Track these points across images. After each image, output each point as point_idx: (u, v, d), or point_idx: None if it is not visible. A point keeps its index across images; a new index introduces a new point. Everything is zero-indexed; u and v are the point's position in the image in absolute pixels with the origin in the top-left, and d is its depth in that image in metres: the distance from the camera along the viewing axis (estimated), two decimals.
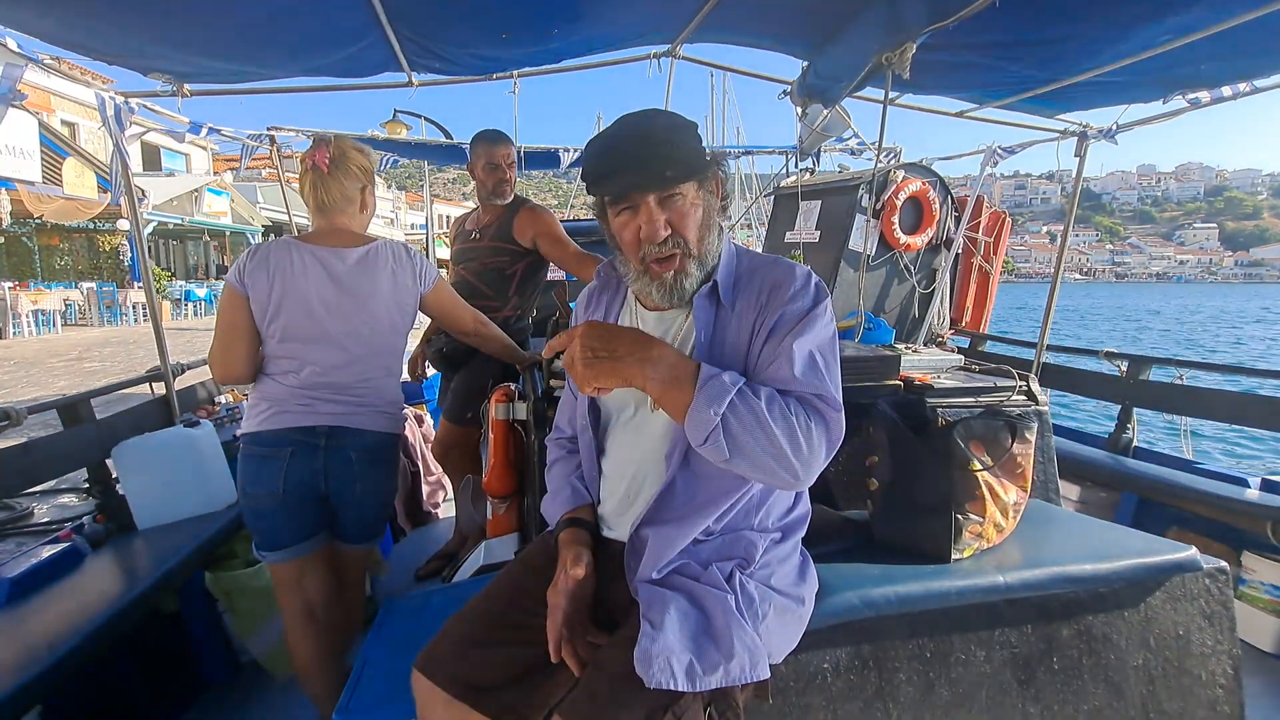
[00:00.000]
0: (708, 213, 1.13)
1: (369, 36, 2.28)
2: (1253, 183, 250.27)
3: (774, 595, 1.09)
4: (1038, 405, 1.92)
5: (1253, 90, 2.64)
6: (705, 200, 1.12)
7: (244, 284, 1.68)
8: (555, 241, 2.53)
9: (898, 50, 2.13)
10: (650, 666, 0.94)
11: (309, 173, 1.73)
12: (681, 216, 1.09)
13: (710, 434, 0.95)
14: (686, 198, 1.09)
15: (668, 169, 1.05)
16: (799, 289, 1.09)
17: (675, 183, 1.07)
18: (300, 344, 1.69)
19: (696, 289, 1.13)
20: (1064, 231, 3.80)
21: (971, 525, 1.49)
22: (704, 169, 1.10)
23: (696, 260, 1.12)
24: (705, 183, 1.12)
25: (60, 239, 17.40)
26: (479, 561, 2.03)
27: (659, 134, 1.07)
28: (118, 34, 2.16)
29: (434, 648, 1.15)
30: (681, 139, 1.09)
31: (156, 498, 2.37)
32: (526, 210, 2.56)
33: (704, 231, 1.12)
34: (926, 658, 1.36)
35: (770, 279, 1.12)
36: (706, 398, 0.95)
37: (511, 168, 2.56)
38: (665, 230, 1.08)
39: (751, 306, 1.11)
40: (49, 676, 1.51)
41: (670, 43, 2.86)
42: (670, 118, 1.11)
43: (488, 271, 2.58)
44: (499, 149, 2.54)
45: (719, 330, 1.12)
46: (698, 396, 0.96)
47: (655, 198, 1.07)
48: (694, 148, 1.10)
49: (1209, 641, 1.53)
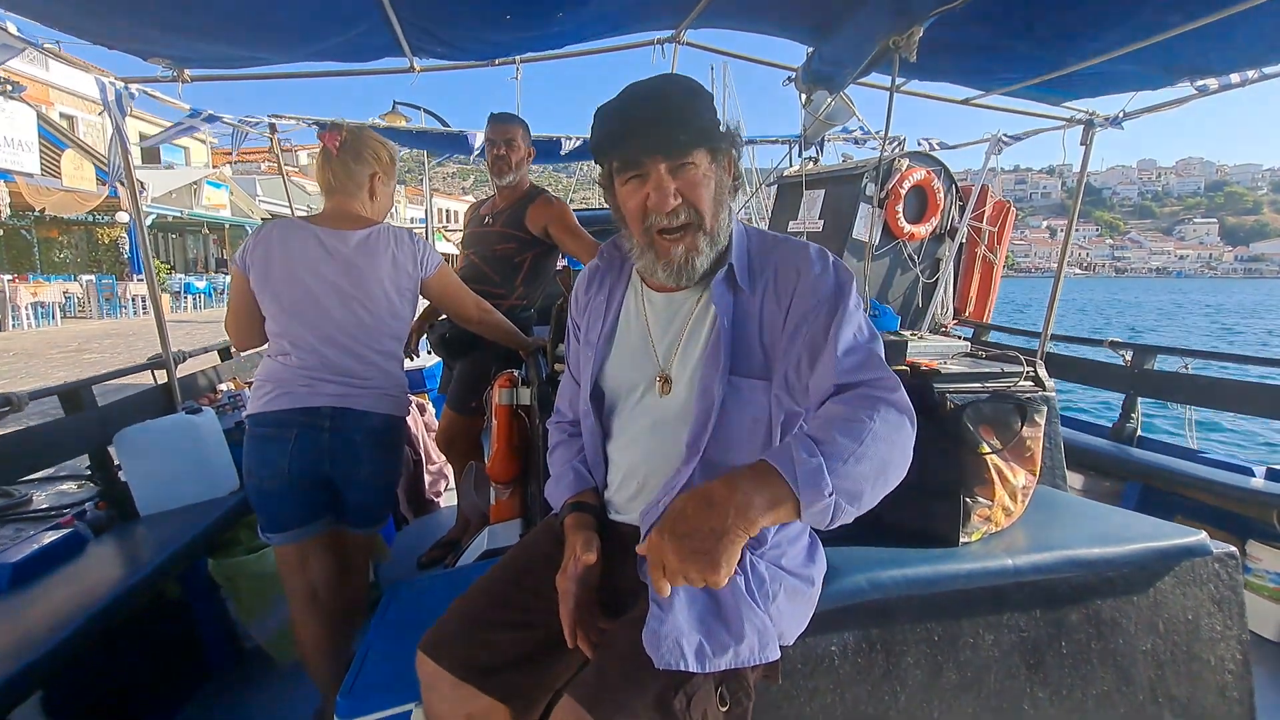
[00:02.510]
0: (720, 188, 1.07)
1: (370, 19, 2.26)
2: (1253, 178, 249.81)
3: (784, 575, 1.07)
4: (1045, 391, 1.91)
5: (1261, 78, 2.61)
6: (718, 175, 1.07)
7: (245, 264, 1.70)
8: (568, 231, 2.52)
9: (905, 34, 2.11)
10: (659, 647, 0.93)
11: (321, 156, 1.77)
12: (693, 186, 1.03)
13: (835, 513, 0.84)
14: (699, 168, 1.03)
15: (681, 133, 1.00)
16: (819, 273, 1.05)
17: (688, 148, 1.01)
18: (300, 324, 1.69)
19: (707, 270, 1.09)
20: (1070, 219, 3.77)
21: (980, 509, 1.48)
22: (718, 140, 1.05)
23: (709, 237, 1.06)
24: (719, 157, 1.06)
25: (59, 232, 17.36)
26: (482, 547, 2.03)
27: (674, 98, 1.02)
28: (117, 16, 2.14)
29: (439, 630, 1.13)
30: (697, 106, 1.03)
31: (158, 484, 2.36)
32: (542, 199, 2.55)
33: (717, 207, 1.06)
34: (934, 641, 1.36)
35: (789, 265, 1.07)
36: (810, 492, 0.82)
37: (512, 148, 2.54)
38: (675, 199, 1.02)
39: (772, 296, 1.07)
40: (50, 662, 1.50)
41: (674, 28, 2.83)
42: (686, 83, 1.05)
43: (496, 258, 2.57)
44: (498, 127, 2.55)
45: (740, 318, 1.08)
46: (803, 495, 0.82)
47: (666, 165, 1.01)
48: (709, 117, 1.05)
49: (1218, 626, 1.52)
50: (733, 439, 1.08)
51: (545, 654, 1.12)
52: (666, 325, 1.15)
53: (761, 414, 1.08)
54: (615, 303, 1.23)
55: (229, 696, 2.13)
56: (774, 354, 1.06)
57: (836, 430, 0.87)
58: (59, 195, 13.64)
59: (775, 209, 5.44)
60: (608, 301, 1.24)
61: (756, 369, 1.08)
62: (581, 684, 0.96)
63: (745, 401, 1.07)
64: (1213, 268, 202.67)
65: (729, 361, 1.06)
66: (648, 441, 1.15)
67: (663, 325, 1.15)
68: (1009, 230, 4.99)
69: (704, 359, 1.09)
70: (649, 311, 1.18)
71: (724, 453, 1.07)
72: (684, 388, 1.10)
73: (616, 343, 1.20)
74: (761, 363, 1.07)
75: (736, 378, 1.07)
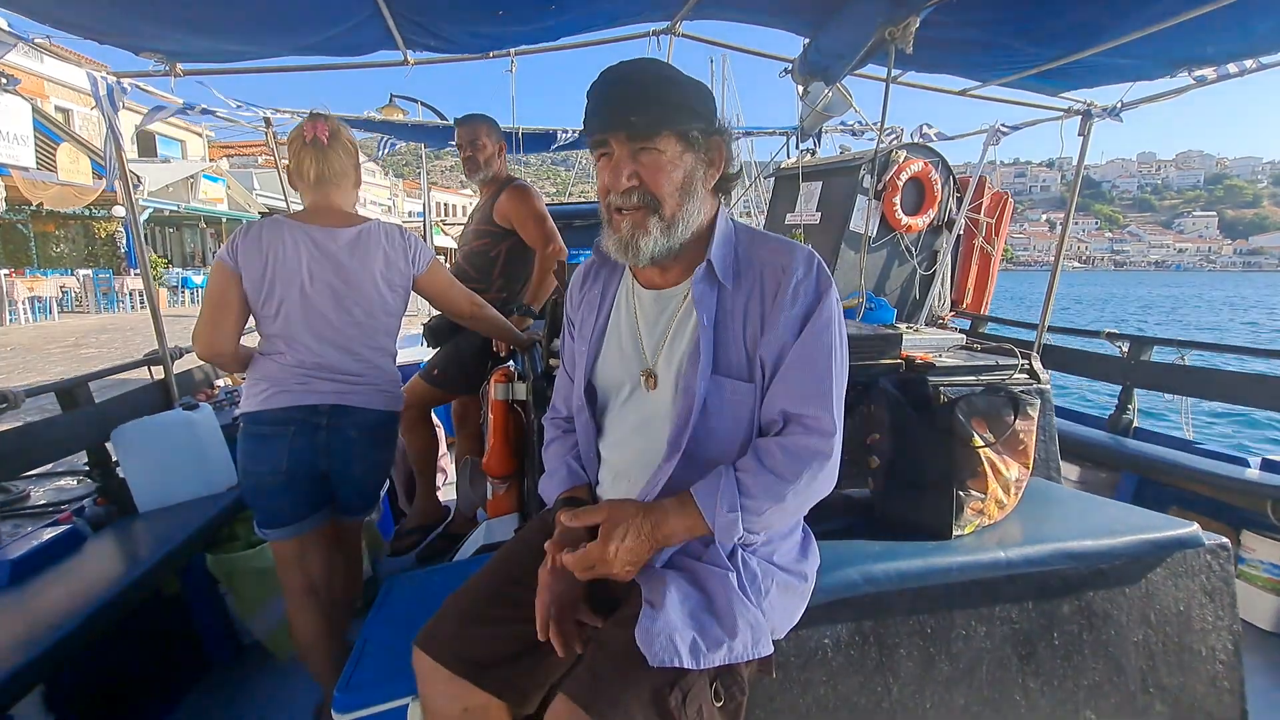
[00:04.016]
0: (690, 178, 1.05)
1: (363, 12, 2.25)
2: (1253, 170, 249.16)
3: (776, 571, 1.08)
4: (1040, 384, 1.91)
5: (1259, 68, 2.60)
6: (690, 164, 1.05)
7: (237, 262, 1.66)
8: (528, 217, 2.50)
9: (901, 25, 2.10)
10: (653, 645, 0.93)
11: (308, 147, 1.71)
12: (653, 170, 1.02)
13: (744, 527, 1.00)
14: (664, 153, 1.02)
15: (643, 114, 0.99)
16: (802, 277, 1.04)
17: (651, 130, 1.00)
18: (293, 323, 1.68)
19: (658, 253, 1.06)
20: (1068, 210, 3.77)
21: (973, 502, 1.48)
22: (689, 124, 1.03)
23: (664, 223, 1.04)
24: (694, 145, 1.05)
25: (56, 226, 17.29)
26: (480, 541, 2.04)
27: (642, 79, 1.01)
28: (108, 11, 2.13)
29: (434, 625, 1.14)
30: (669, 90, 1.02)
31: (156, 480, 2.37)
32: (507, 191, 2.55)
33: (681, 196, 1.05)
34: (927, 633, 1.37)
35: (774, 265, 1.06)
36: (723, 534, 1.00)
37: (478, 147, 2.56)
38: (629, 181, 1.02)
39: (756, 295, 1.06)
40: (51, 657, 1.51)
41: (670, 19, 2.82)
42: (663, 68, 1.04)
43: (473, 254, 2.59)
44: (461, 130, 2.59)
45: (721, 315, 1.08)
46: (717, 534, 1.01)
47: (628, 145, 1.02)
48: (682, 104, 1.02)
49: (1209, 617, 1.53)
50: (715, 437, 1.08)
51: (539, 650, 1.12)
52: (654, 322, 1.15)
53: (746, 414, 1.08)
54: (609, 299, 1.22)
55: (227, 691, 2.15)
56: (753, 355, 1.07)
57: (762, 489, 1.00)
58: (55, 189, 13.57)
59: (773, 201, 5.43)
60: (601, 297, 1.24)
61: (741, 370, 1.07)
62: (576, 682, 0.96)
63: (729, 401, 1.07)
64: (1212, 261, 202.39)
65: (710, 360, 1.06)
66: (636, 439, 1.15)
67: (650, 322, 1.15)
68: (1007, 221, 4.98)
69: (686, 357, 1.09)
70: (638, 308, 1.18)
71: (707, 450, 1.07)
72: (669, 385, 1.11)
73: (608, 339, 1.20)
74: (745, 364, 1.07)
75: (721, 377, 1.07)
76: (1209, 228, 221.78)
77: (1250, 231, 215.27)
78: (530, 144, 4.74)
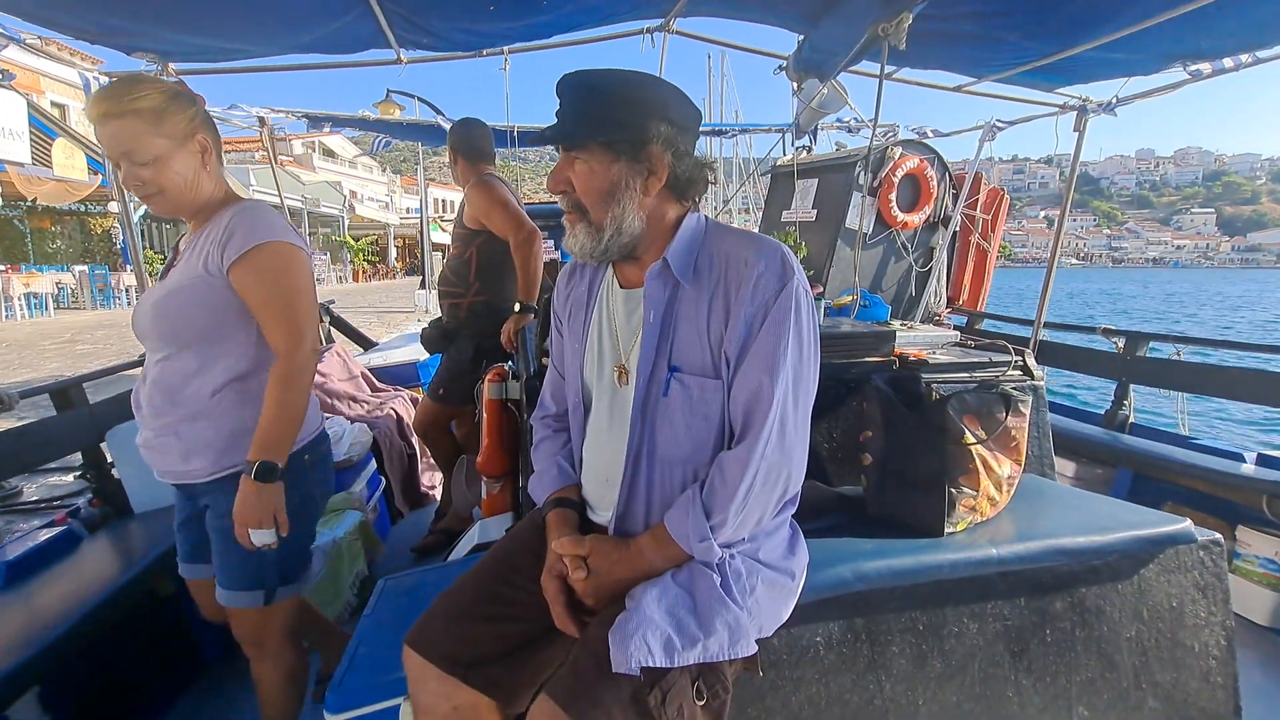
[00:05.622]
0: (616, 186, 1.05)
1: (354, 9, 2.24)
2: (1251, 168, 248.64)
3: (762, 569, 1.07)
4: (1033, 380, 1.91)
5: (1254, 62, 2.60)
6: (619, 173, 1.04)
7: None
8: (491, 207, 2.44)
9: (894, 21, 2.09)
10: (628, 644, 0.93)
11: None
12: (581, 178, 1.06)
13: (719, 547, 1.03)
14: (590, 164, 1.05)
15: (572, 126, 1.04)
16: (763, 270, 1.02)
17: (579, 141, 1.05)
18: None
19: (586, 254, 1.10)
20: (1064, 205, 3.77)
21: (965, 499, 1.48)
22: (610, 135, 1.03)
23: (590, 228, 1.07)
24: (623, 155, 1.04)
25: (52, 222, 17.23)
26: (474, 540, 2.04)
27: (578, 91, 1.04)
28: (99, 11, 2.12)
29: (424, 624, 1.14)
30: (592, 105, 1.03)
31: (152, 481, 2.33)
32: (468, 190, 2.54)
33: (607, 203, 1.05)
34: (919, 630, 1.37)
35: (737, 259, 1.05)
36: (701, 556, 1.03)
37: (453, 162, 2.62)
38: (561, 185, 1.08)
39: (718, 289, 1.05)
40: (47, 657, 1.51)
41: (663, 16, 2.81)
42: (599, 77, 1.04)
43: (453, 260, 2.61)
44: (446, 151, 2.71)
45: (673, 311, 1.08)
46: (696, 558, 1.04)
47: (565, 154, 1.07)
48: (606, 118, 1.03)
49: (1202, 613, 1.53)
50: (682, 437, 1.07)
51: (529, 647, 1.13)
52: (627, 318, 1.16)
53: (715, 413, 1.06)
54: (594, 296, 1.23)
55: (224, 690, 2.15)
56: (714, 348, 1.06)
57: (723, 504, 1.02)
58: (51, 185, 13.53)
59: (768, 199, 5.43)
60: (588, 294, 1.24)
61: (706, 367, 1.06)
62: (557, 683, 0.96)
63: (696, 399, 1.06)
64: (1209, 258, 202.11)
65: (655, 355, 1.07)
66: (610, 436, 1.15)
67: (624, 318, 1.16)
68: (1003, 217, 4.98)
69: (641, 353, 1.10)
70: (615, 305, 1.18)
71: (680, 449, 1.07)
72: (636, 381, 1.11)
73: (591, 335, 1.21)
74: (711, 361, 1.06)
75: (687, 375, 1.07)
76: (1207, 224, 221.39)
77: (1248, 228, 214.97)
78: (526, 141, 4.72)
